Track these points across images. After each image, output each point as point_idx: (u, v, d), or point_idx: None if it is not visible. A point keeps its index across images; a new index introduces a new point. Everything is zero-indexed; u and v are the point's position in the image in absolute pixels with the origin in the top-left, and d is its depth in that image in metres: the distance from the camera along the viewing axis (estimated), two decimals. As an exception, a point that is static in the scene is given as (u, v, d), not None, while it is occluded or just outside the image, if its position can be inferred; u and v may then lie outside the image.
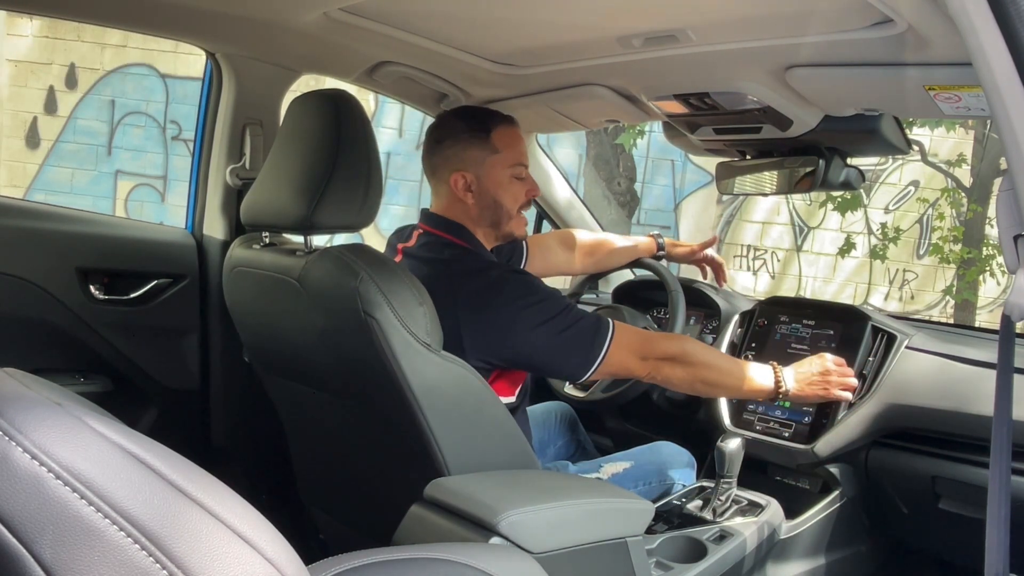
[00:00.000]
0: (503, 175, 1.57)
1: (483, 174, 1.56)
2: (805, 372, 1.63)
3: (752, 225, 7.08)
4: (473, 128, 1.56)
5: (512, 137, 1.58)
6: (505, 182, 1.57)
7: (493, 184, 1.56)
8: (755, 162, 1.78)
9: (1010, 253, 0.84)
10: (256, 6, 1.53)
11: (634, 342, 1.52)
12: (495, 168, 1.56)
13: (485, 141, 1.55)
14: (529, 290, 1.47)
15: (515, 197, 1.59)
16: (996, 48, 0.78)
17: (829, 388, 1.62)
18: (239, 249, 1.58)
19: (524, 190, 1.60)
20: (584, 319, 1.50)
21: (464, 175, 1.55)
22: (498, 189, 1.57)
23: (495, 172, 1.56)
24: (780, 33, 1.29)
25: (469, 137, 1.55)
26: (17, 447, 0.52)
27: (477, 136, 1.55)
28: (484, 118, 1.58)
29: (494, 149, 1.56)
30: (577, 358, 1.48)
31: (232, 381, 1.99)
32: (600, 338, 1.48)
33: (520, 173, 1.59)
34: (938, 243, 5.82)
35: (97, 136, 6.92)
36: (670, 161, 6.90)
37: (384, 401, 1.35)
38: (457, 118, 1.59)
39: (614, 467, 1.68)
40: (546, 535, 1.21)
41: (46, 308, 1.78)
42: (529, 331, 1.44)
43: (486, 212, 1.58)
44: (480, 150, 1.55)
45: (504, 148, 1.56)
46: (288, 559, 0.59)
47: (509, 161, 1.57)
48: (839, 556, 1.74)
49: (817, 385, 1.62)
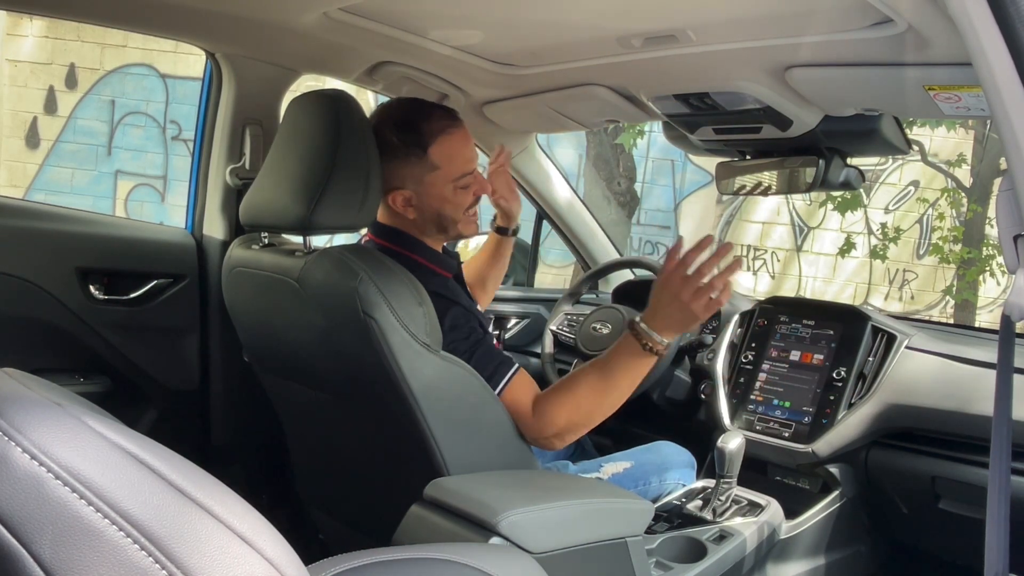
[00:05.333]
0: (445, 190, 1.45)
1: (423, 191, 1.45)
2: (664, 313, 1.38)
3: (752, 225, 7.08)
4: (408, 144, 1.43)
5: (452, 147, 1.45)
6: (448, 195, 1.46)
7: (436, 200, 1.46)
8: (755, 162, 1.78)
9: (1010, 253, 0.84)
10: (256, 6, 1.53)
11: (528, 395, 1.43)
12: (435, 185, 1.45)
13: (421, 157, 1.43)
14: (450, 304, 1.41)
15: (459, 204, 1.48)
16: (996, 48, 0.78)
17: (693, 312, 1.36)
18: (238, 249, 1.58)
19: (471, 194, 1.49)
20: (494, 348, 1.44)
21: (402, 193, 1.45)
22: (442, 203, 1.46)
23: (436, 189, 1.45)
24: (780, 33, 1.29)
25: (405, 154, 1.43)
26: (17, 447, 0.52)
27: (413, 153, 1.43)
28: (420, 131, 1.43)
29: (433, 166, 1.44)
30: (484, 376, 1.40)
31: (232, 381, 1.99)
32: (504, 368, 1.42)
33: (465, 183, 1.47)
34: (938, 243, 5.82)
35: (97, 136, 6.93)
36: (670, 161, 6.90)
37: (383, 401, 1.35)
38: (389, 129, 1.44)
39: (614, 467, 1.68)
40: (546, 535, 1.21)
41: (46, 308, 1.77)
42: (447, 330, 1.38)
43: (430, 224, 1.48)
44: (417, 167, 1.43)
45: (445, 163, 1.44)
46: (288, 559, 0.59)
47: (452, 175, 1.45)
48: (839, 556, 1.74)
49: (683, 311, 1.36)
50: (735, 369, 1.90)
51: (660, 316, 1.39)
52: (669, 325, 1.39)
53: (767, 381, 1.84)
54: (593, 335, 1.96)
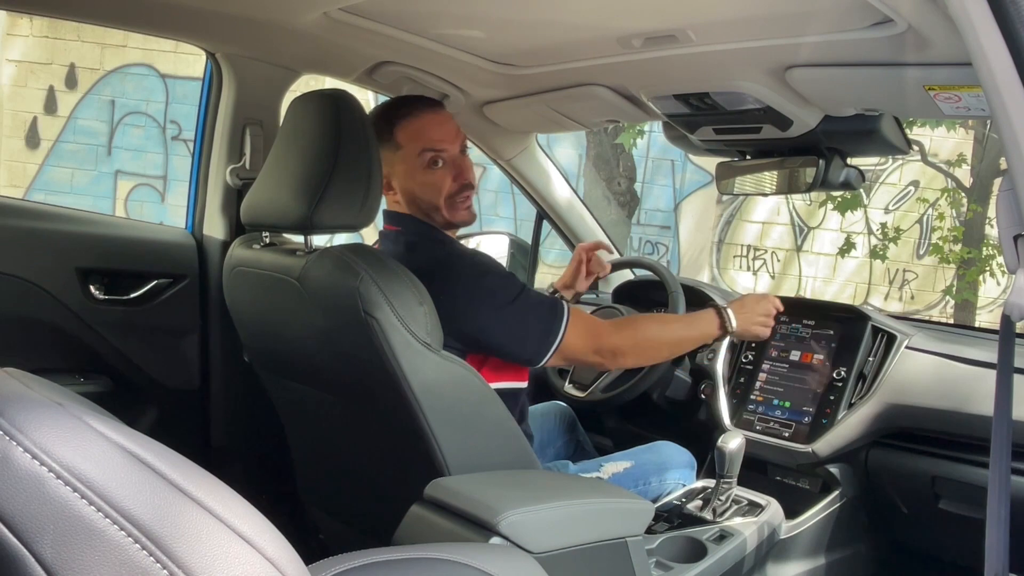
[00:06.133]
0: (411, 167, 1.52)
1: (392, 173, 1.53)
2: (749, 312, 1.72)
3: (752, 225, 7.08)
4: (379, 128, 1.51)
5: (417, 126, 1.52)
6: (417, 174, 1.52)
7: (405, 180, 1.53)
8: (755, 162, 1.78)
9: (1010, 253, 0.84)
10: (256, 6, 1.53)
11: (589, 329, 1.52)
12: (400, 165, 1.53)
13: (389, 140, 1.52)
14: (483, 269, 1.46)
15: (434, 186, 1.52)
16: (996, 48, 0.78)
17: (767, 328, 1.74)
18: (239, 249, 1.58)
19: (447, 176, 1.53)
20: (541, 301, 1.48)
21: (386, 178, 1.52)
22: (411, 183, 1.53)
23: (401, 167, 1.53)
24: (780, 33, 1.29)
25: (380, 139, 1.48)
26: (18, 447, 0.52)
27: (383, 136, 1.51)
28: (390, 115, 1.54)
29: (396, 146, 1.52)
30: (533, 342, 1.46)
31: (232, 381, 1.99)
32: (556, 322, 1.47)
33: (432, 160, 1.51)
34: (938, 243, 5.81)
35: (97, 136, 6.92)
36: (670, 161, 6.90)
37: (384, 401, 1.35)
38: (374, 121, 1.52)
39: (614, 466, 1.68)
40: (546, 535, 1.21)
41: (46, 308, 1.77)
42: (482, 310, 1.42)
43: (413, 207, 1.55)
44: (386, 150, 1.51)
45: (407, 142, 1.52)
46: (288, 559, 0.59)
47: (412, 153, 1.51)
48: (839, 556, 1.74)
49: (759, 324, 1.73)
50: (735, 369, 1.90)
51: (745, 312, 1.72)
52: (743, 320, 1.70)
53: (767, 381, 1.84)
54: (593, 335, 1.95)
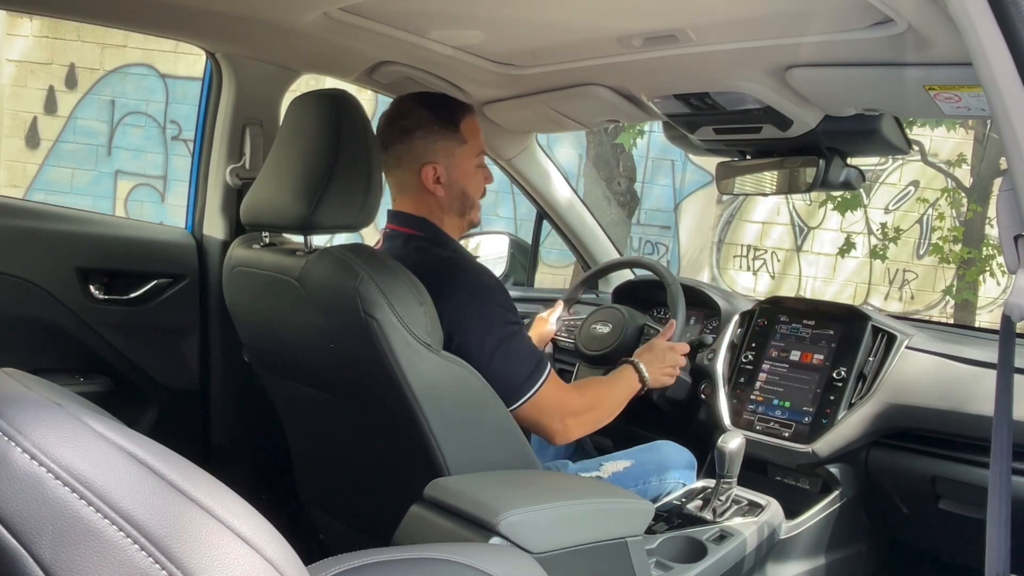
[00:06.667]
0: (470, 165, 1.59)
1: (452, 165, 1.56)
2: (660, 363, 1.74)
3: (752, 225, 7.08)
4: (443, 119, 1.56)
5: (476, 127, 1.61)
6: (472, 172, 1.59)
7: (462, 175, 1.58)
8: (755, 162, 1.78)
9: (1010, 253, 0.84)
10: (256, 6, 1.53)
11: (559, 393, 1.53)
12: (464, 159, 1.58)
13: (455, 132, 1.56)
14: (496, 291, 1.49)
15: (479, 186, 1.62)
16: (996, 48, 0.78)
17: (673, 376, 1.77)
18: (239, 249, 1.58)
19: (484, 178, 1.64)
20: (533, 347, 1.52)
21: (435, 167, 1.54)
22: (466, 179, 1.59)
23: (464, 163, 1.58)
24: (780, 33, 1.29)
25: (440, 128, 1.55)
26: (17, 447, 0.52)
27: (447, 127, 1.55)
28: (451, 108, 1.59)
29: (462, 140, 1.57)
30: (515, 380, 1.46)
31: (232, 381, 1.99)
32: (539, 372, 1.49)
33: (482, 162, 1.63)
34: (938, 243, 5.81)
35: (97, 136, 6.93)
36: (670, 161, 6.90)
37: (384, 401, 1.35)
38: (422, 107, 1.57)
39: (614, 466, 1.68)
40: (546, 535, 1.21)
41: (46, 308, 1.77)
42: (482, 329, 1.44)
43: (455, 203, 1.58)
44: (450, 141, 1.55)
45: (471, 138, 1.58)
46: (288, 559, 0.59)
47: (475, 151, 1.60)
48: (839, 556, 1.74)
49: (667, 375, 1.75)
50: (735, 369, 1.90)
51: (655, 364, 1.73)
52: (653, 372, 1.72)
53: (767, 381, 1.84)
54: (593, 335, 1.95)
